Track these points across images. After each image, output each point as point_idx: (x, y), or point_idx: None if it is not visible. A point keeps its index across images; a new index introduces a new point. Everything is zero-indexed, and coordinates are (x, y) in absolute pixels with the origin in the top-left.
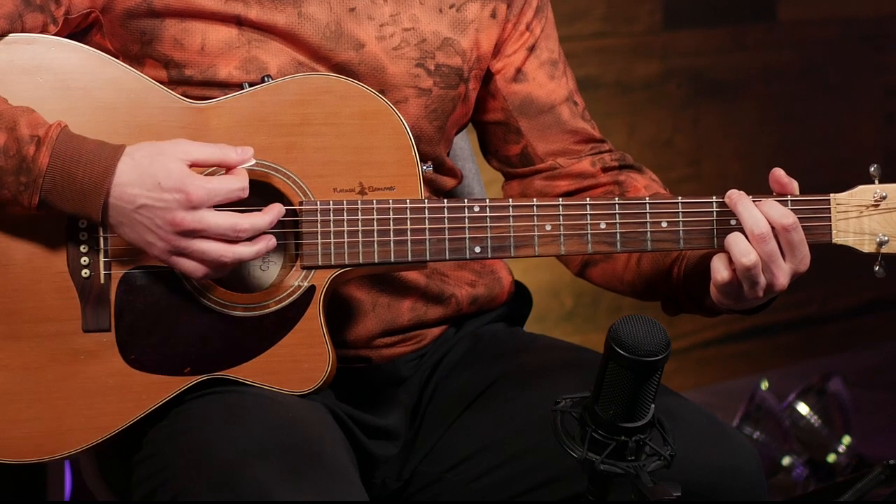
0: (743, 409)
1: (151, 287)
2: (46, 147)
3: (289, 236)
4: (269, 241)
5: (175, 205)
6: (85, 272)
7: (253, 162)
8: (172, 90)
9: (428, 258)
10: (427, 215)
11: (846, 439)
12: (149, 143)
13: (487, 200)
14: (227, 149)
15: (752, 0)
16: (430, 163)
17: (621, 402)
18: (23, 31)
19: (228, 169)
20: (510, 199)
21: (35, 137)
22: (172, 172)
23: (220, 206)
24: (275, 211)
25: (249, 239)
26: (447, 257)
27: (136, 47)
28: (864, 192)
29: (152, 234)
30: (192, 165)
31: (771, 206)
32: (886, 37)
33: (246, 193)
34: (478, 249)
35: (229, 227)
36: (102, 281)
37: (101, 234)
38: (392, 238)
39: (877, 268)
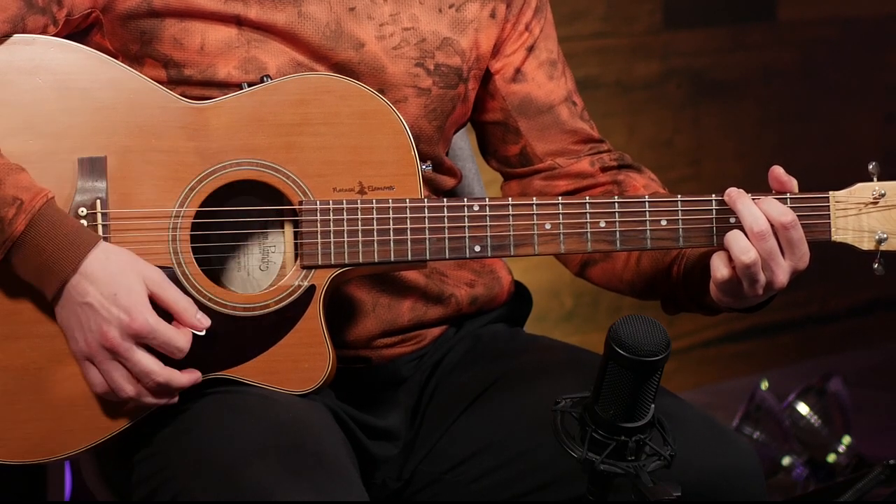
0: (743, 409)
1: None
2: (26, 215)
3: (289, 236)
4: (172, 399)
5: (115, 322)
6: None
7: (203, 332)
8: (172, 90)
9: (428, 257)
10: (427, 215)
11: (846, 439)
12: (127, 253)
13: (487, 199)
14: (191, 307)
15: (752, 0)
16: (429, 162)
17: (621, 402)
18: (24, 32)
19: (180, 322)
20: (510, 199)
21: (17, 201)
22: (132, 293)
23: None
24: (194, 376)
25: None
26: (447, 256)
27: (135, 47)
28: (863, 190)
29: (81, 332)
30: (152, 296)
31: (770, 203)
32: (886, 37)
33: (182, 356)
34: (477, 248)
35: (145, 371)
36: None
37: (101, 234)
38: (392, 237)
39: (876, 265)
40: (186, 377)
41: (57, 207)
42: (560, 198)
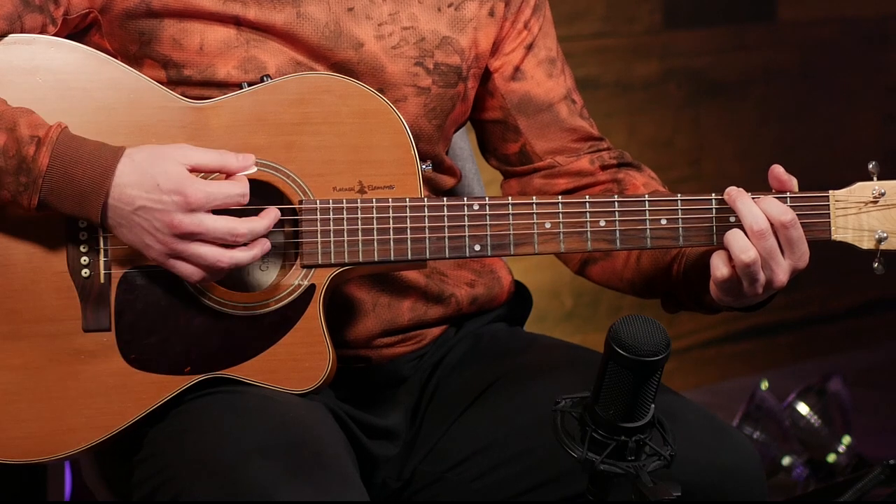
0: (743, 409)
1: (151, 286)
2: (46, 147)
3: (289, 235)
4: (265, 245)
5: (173, 207)
6: (85, 272)
7: (254, 170)
8: (171, 90)
9: (428, 256)
10: (426, 214)
11: (846, 439)
12: (149, 146)
13: (487, 199)
14: (227, 155)
15: (752, 0)
16: (429, 161)
17: (621, 402)
18: (22, 31)
19: (228, 175)
20: (509, 198)
21: (35, 138)
22: (171, 175)
23: (218, 211)
24: (272, 215)
25: (246, 243)
26: (447, 256)
27: (134, 47)
28: (862, 189)
29: (150, 236)
30: (192, 169)
31: (770, 202)
32: (886, 37)
33: (246, 200)
34: (477, 248)
35: (227, 231)
36: (102, 280)
37: (102, 233)
38: (392, 237)
39: (876, 264)
40: (265, 220)
41: (73, 134)
42: (560, 197)
